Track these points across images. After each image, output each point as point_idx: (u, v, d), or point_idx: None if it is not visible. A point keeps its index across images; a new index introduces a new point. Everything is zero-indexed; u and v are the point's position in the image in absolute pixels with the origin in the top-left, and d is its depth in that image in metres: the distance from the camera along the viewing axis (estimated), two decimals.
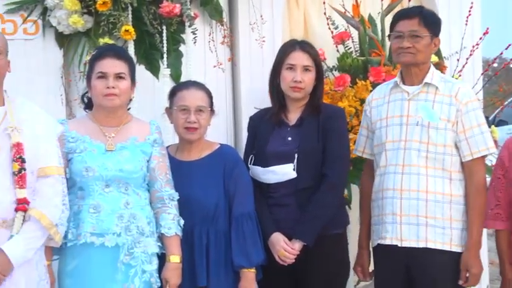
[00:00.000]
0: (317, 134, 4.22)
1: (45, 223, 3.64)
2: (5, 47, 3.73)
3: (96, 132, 4.01)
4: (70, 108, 5.02)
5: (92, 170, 3.90)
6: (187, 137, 4.20)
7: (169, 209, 4.02)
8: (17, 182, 3.61)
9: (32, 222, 3.63)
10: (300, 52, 4.29)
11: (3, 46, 3.71)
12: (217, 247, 4.11)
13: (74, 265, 3.89)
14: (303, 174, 4.18)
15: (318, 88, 4.33)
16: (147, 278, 3.92)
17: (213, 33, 5.17)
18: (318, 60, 4.34)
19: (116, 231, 3.87)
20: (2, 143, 3.65)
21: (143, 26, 4.97)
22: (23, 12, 4.96)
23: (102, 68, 3.97)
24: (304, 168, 4.18)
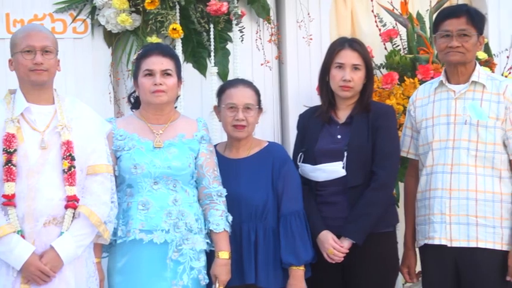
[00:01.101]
0: (367, 132, 4.19)
1: (94, 220, 3.67)
2: (55, 46, 3.76)
3: (144, 129, 4.04)
4: (118, 106, 5.06)
5: (140, 167, 3.92)
6: (236, 135, 4.20)
7: (218, 205, 4.02)
8: (67, 180, 3.64)
9: (82, 220, 3.66)
10: (349, 50, 4.26)
11: (53, 45, 3.75)
12: (266, 244, 4.11)
13: (123, 262, 3.92)
14: (352, 172, 4.16)
15: (367, 86, 4.30)
16: (195, 274, 3.93)
17: (260, 31, 5.17)
18: (367, 59, 4.30)
19: (165, 228, 3.89)
20: (52, 141, 3.68)
21: (191, 24, 5.00)
22: (72, 11, 5.01)
23: (149, 65, 4.00)
24: (353, 166, 4.16)
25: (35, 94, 3.73)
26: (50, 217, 3.61)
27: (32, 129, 3.69)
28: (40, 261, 3.56)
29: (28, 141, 3.65)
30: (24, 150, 3.63)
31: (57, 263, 3.59)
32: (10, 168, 3.58)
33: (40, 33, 3.76)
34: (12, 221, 3.57)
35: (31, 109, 3.71)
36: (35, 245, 3.58)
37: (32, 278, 3.56)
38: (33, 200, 3.59)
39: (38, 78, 3.68)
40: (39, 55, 3.66)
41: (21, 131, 3.66)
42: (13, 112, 3.69)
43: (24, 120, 3.70)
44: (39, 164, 3.63)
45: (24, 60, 3.67)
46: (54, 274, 3.58)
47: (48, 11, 4.97)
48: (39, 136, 3.68)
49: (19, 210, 3.59)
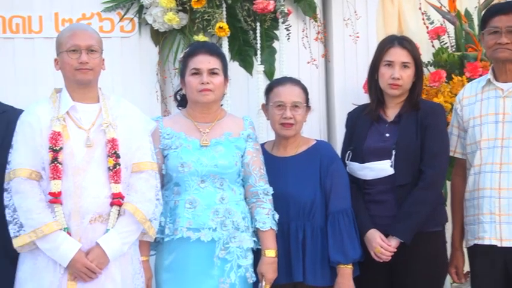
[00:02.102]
0: (415, 130, 4.16)
1: (139, 217, 3.69)
2: (99, 46, 3.79)
3: (190, 128, 4.05)
4: (165, 104, 5.08)
5: (187, 166, 3.93)
6: (283, 133, 4.20)
7: (264, 203, 4.02)
8: (112, 177, 3.67)
9: (127, 217, 3.69)
10: (398, 48, 4.22)
11: (98, 44, 3.78)
12: (314, 243, 4.10)
13: (170, 260, 3.94)
14: (400, 170, 4.12)
15: (416, 84, 4.25)
16: (242, 272, 3.94)
17: (307, 30, 5.16)
18: (416, 57, 4.26)
19: (212, 226, 3.90)
20: (98, 139, 3.71)
21: (237, 22, 5.01)
22: (119, 10, 5.05)
23: (196, 64, 4.01)
24: (401, 165, 4.12)
25: (80, 93, 3.76)
26: (95, 214, 3.64)
27: (77, 127, 3.73)
28: (86, 258, 3.59)
29: (74, 139, 3.69)
30: (70, 148, 3.66)
31: (103, 260, 3.62)
32: (56, 166, 3.61)
33: (85, 32, 3.79)
34: (58, 218, 3.60)
35: (76, 107, 3.75)
36: (81, 242, 3.61)
37: (79, 274, 3.59)
38: (79, 198, 3.62)
39: (83, 77, 3.72)
40: (84, 54, 3.69)
41: (67, 129, 3.69)
42: (59, 110, 3.73)
43: (70, 119, 3.73)
44: (85, 161, 3.67)
45: (70, 59, 3.71)
46: (100, 271, 3.61)
47: (96, 10, 5.02)
48: (85, 134, 3.72)
49: (65, 208, 3.62)
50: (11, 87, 4.90)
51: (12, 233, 3.58)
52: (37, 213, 3.56)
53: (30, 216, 3.56)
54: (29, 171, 3.61)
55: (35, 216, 3.56)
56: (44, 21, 4.97)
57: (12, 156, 3.65)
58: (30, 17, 4.96)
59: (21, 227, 3.57)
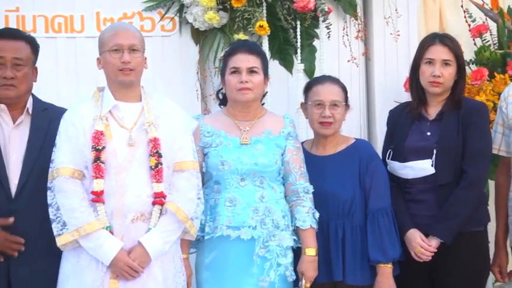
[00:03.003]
0: (457, 129, 4.11)
1: (180, 216, 3.69)
2: (141, 45, 3.80)
3: (231, 126, 4.06)
4: (205, 103, 5.10)
5: (227, 164, 3.94)
6: (322, 132, 4.19)
7: (304, 201, 4.01)
8: (154, 177, 3.68)
9: (169, 216, 3.69)
10: (439, 46, 4.18)
11: (140, 44, 3.79)
12: (353, 241, 4.09)
13: (211, 258, 3.95)
14: (442, 170, 4.09)
15: (459, 83, 4.20)
16: (282, 271, 3.93)
17: (347, 28, 5.14)
18: (458, 55, 4.20)
19: (252, 224, 3.90)
20: (140, 138, 3.72)
21: (277, 21, 5.00)
22: (160, 9, 5.08)
23: (235, 63, 4.02)
24: (443, 164, 4.08)
25: (122, 92, 3.78)
26: (137, 213, 3.65)
27: (120, 126, 3.74)
28: (128, 256, 3.61)
29: (116, 139, 3.70)
30: (112, 147, 3.68)
31: (145, 259, 3.63)
32: (99, 165, 3.63)
33: (127, 31, 3.80)
34: (101, 217, 3.62)
35: (119, 106, 3.77)
36: (123, 241, 3.63)
37: (121, 273, 3.61)
38: (122, 197, 3.64)
39: (125, 78, 3.73)
40: (126, 54, 3.71)
41: (109, 129, 3.71)
42: (101, 110, 3.75)
43: (113, 118, 3.75)
44: (127, 161, 3.68)
45: (112, 59, 3.72)
46: (143, 270, 3.63)
47: (137, 10, 5.05)
48: (127, 133, 3.73)
49: (108, 207, 3.64)
50: (53, 86, 4.95)
51: (56, 232, 3.61)
52: (80, 212, 3.59)
53: (73, 215, 3.58)
54: (71, 170, 3.64)
55: (78, 215, 3.59)
56: (85, 21, 5.02)
57: (55, 155, 3.67)
58: (72, 16, 5.01)
59: (64, 225, 3.59)
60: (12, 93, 3.76)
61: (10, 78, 3.72)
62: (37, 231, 3.71)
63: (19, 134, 3.77)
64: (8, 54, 3.75)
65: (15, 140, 3.76)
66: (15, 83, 3.74)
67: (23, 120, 3.80)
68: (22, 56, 3.78)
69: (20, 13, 4.96)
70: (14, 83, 3.74)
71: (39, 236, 3.71)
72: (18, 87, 3.76)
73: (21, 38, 3.85)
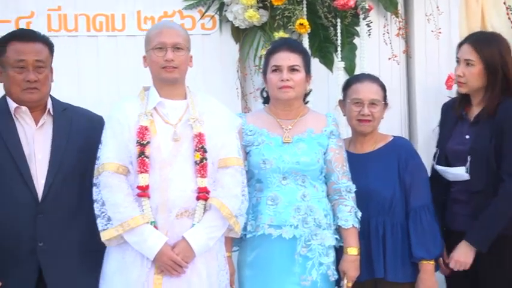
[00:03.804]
0: (491, 134, 4.04)
1: (225, 213, 3.70)
2: (186, 43, 3.82)
3: (273, 125, 4.05)
4: (245, 101, 5.10)
5: (269, 163, 3.94)
6: (360, 129, 4.18)
7: (346, 201, 4.00)
8: (199, 172, 3.69)
9: (213, 212, 3.70)
10: (464, 45, 4.20)
11: (184, 42, 3.81)
12: (394, 239, 4.08)
13: (253, 256, 3.96)
14: (475, 177, 4.07)
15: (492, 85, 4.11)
16: (324, 270, 3.92)
17: (388, 25, 5.12)
18: (486, 54, 4.11)
19: (293, 223, 3.89)
20: (185, 134, 3.74)
21: (317, 19, 5.00)
22: (200, 8, 5.09)
23: (276, 61, 4.01)
24: (476, 171, 4.07)
25: (167, 90, 3.80)
26: (182, 209, 3.66)
27: (164, 122, 3.76)
28: (172, 251, 3.62)
29: (161, 134, 3.72)
30: (157, 142, 3.70)
31: (189, 254, 3.64)
32: (143, 160, 3.65)
33: (172, 30, 3.82)
34: (146, 212, 3.64)
35: (164, 103, 3.79)
36: (168, 236, 3.64)
37: (165, 268, 3.62)
38: (166, 191, 3.65)
39: (169, 76, 3.75)
40: (170, 52, 3.73)
41: (154, 124, 3.73)
42: (147, 107, 3.77)
43: (158, 114, 3.77)
44: (172, 155, 3.70)
45: (156, 57, 3.75)
46: (187, 265, 3.64)
47: (177, 8, 5.07)
48: (172, 129, 3.75)
49: (153, 202, 3.65)
50: (94, 84, 4.99)
51: (100, 227, 3.64)
52: (124, 207, 3.61)
53: (118, 210, 3.61)
54: (116, 165, 3.67)
55: (122, 210, 3.61)
56: (126, 19, 5.05)
57: (101, 152, 3.70)
58: (113, 15, 5.04)
59: (109, 220, 3.62)
60: (36, 96, 3.75)
61: (33, 82, 3.71)
62: (64, 231, 3.72)
63: (43, 135, 3.78)
64: (29, 57, 3.72)
65: (40, 141, 3.76)
66: (38, 86, 3.72)
67: (45, 121, 3.80)
68: (42, 58, 3.75)
69: (62, 12, 5.00)
70: (37, 85, 3.72)
71: (66, 236, 3.72)
72: (41, 89, 3.75)
73: (40, 39, 3.81)
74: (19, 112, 3.76)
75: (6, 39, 3.79)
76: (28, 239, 3.65)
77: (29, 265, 3.66)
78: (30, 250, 3.66)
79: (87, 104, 4.15)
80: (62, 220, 3.70)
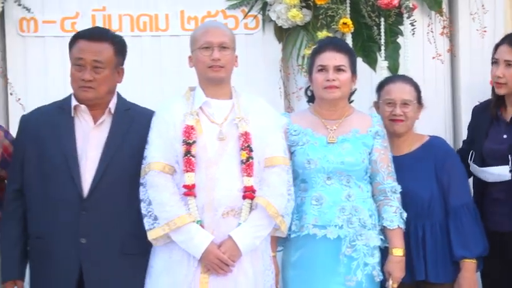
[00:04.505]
0: None
1: (271, 212, 3.69)
2: (231, 43, 3.82)
3: (317, 125, 4.03)
4: (288, 101, 5.10)
5: (313, 163, 3.92)
6: (393, 129, 4.15)
7: (392, 201, 3.97)
8: (245, 170, 3.69)
9: (259, 211, 3.70)
10: (505, 46, 4.21)
11: (230, 42, 3.82)
12: (434, 239, 4.06)
13: (297, 256, 3.95)
14: None
15: None
16: (369, 270, 3.90)
17: (432, 24, 5.09)
18: None
19: (338, 223, 3.88)
20: (230, 133, 3.75)
21: (361, 18, 4.98)
22: (243, 7, 5.10)
23: (322, 61, 4.00)
24: None
25: (213, 89, 3.81)
26: (228, 208, 3.67)
27: (210, 122, 3.77)
28: (219, 250, 3.63)
29: (207, 133, 3.73)
30: (203, 141, 3.71)
31: (235, 253, 3.65)
32: (189, 159, 3.67)
33: (218, 29, 3.84)
34: (192, 211, 3.65)
35: (210, 103, 3.80)
36: (214, 235, 3.65)
37: (211, 266, 3.63)
38: (213, 191, 3.66)
39: (215, 75, 3.76)
40: (216, 51, 3.74)
41: (200, 124, 3.75)
42: (192, 106, 3.79)
43: (203, 114, 3.78)
44: (218, 154, 3.71)
45: (203, 56, 3.76)
46: (233, 263, 3.64)
47: (220, 8, 5.09)
48: (218, 128, 3.76)
49: (199, 201, 3.67)
50: (138, 84, 5.01)
51: (147, 226, 3.66)
52: (170, 206, 3.63)
53: (164, 209, 3.63)
54: (162, 164, 3.69)
55: (169, 209, 3.63)
56: (170, 19, 5.08)
57: (147, 151, 3.73)
58: (157, 15, 5.07)
59: (156, 219, 3.64)
60: (91, 95, 3.77)
61: (88, 81, 3.73)
62: (108, 230, 3.73)
63: (98, 134, 3.80)
64: (88, 56, 3.74)
65: (94, 139, 3.78)
66: (93, 85, 3.74)
67: (105, 120, 3.82)
68: (102, 59, 3.76)
69: (106, 12, 5.04)
70: (93, 85, 3.74)
71: (110, 235, 3.73)
72: (97, 89, 3.76)
73: (105, 39, 3.82)
74: (79, 110, 3.81)
75: (76, 36, 3.85)
76: (71, 234, 3.69)
77: (70, 260, 3.69)
78: (72, 245, 3.69)
79: None
80: (105, 219, 3.71)
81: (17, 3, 4.87)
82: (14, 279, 3.78)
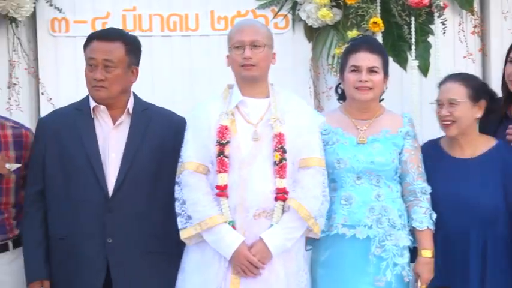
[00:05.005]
0: None
1: (302, 214, 3.67)
2: (265, 40, 3.78)
3: (348, 124, 4.00)
4: (318, 100, 5.10)
5: (343, 162, 3.90)
6: (446, 133, 4.06)
7: (421, 202, 3.94)
8: (277, 172, 3.68)
9: (291, 213, 3.68)
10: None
11: (263, 39, 3.77)
12: (496, 253, 3.91)
13: (326, 256, 3.93)
14: None
15: None
16: (398, 271, 3.88)
17: (463, 23, 5.07)
18: None
19: (367, 223, 3.86)
20: (265, 133, 3.73)
21: (391, 17, 4.97)
22: (273, 7, 5.11)
23: (355, 61, 3.96)
24: None
25: (248, 88, 3.79)
26: (260, 209, 3.67)
27: (245, 121, 3.77)
28: (249, 251, 3.63)
29: (241, 133, 3.73)
30: (237, 142, 3.71)
31: (266, 255, 3.64)
32: (223, 159, 3.67)
33: (250, 27, 3.82)
34: (224, 211, 3.66)
35: (246, 102, 3.79)
36: (245, 236, 3.66)
37: (241, 268, 3.63)
38: (244, 191, 3.66)
39: (247, 74, 3.75)
40: (247, 50, 3.72)
41: (235, 123, 3.74)
42: (229, 106, 3.78)
43: (239, 113, 3.78)
44: (251, 155, 3.70)
45: (235, 55, 3.76)
46: (263, 266, 3.64)
47: (250, 8, 5.11)
48: (252, 128, 3.75)
49: (231, 201, 3.67)
50: (168, 84, 5.04)
51: (180, 225, 3.68)
52: (203, 206, 3.65)
53: (197, 209, 3.65)
54: (196, 164, 3.71)
55: (201, 209, 3.65)
56: (200, 19, 5.10)
57: (182, 151, 3.75)
58: (187, 15, 5.10)
59: (189, 219, 3.67)
60: (103, 94, 3.78)
61: (100, 80, 3.74)
62: (133, 229, 3.75)
63: (118, 134, 3.81)
64: (99, 55, 3.75)
65: (115, 140, 3.80)
66: (105, 85, 3.75)
67: (123, 120, 3.83)
68: (113, 58, 3.76)
69: (136, 12, 5.07)
70: (104, 84, 3.75)
71: (134, 234, 3.75)
72: (109, 88, 3.76)
73: (116, 39, 3.82)
74: (98, 110, 3.82)
75: (89, 37, 3.87)
76: (98, 234, 3.72)
77: (97, 260, 3.72)
78: (99, 246, 3.72)
79: (160, 103, 4.17)
80: (129, 218, 3.74)
81: (49, 4, 4.91)
82: (41, 279, 3.80)
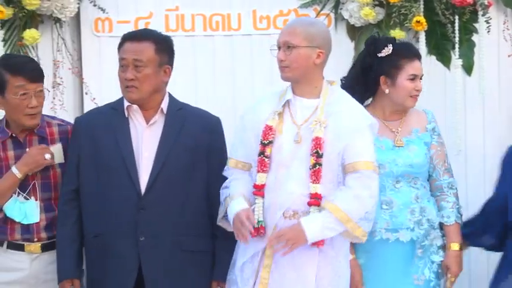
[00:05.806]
0: None
1: (338, 216, 3.53)
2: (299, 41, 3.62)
3: (380, 127, 3.88)
4: None
5: (382, 167, 3.83)
6: None
7: (448, 197, 3.97)
8: (311, 177, 3.59)
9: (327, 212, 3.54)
10: None
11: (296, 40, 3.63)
12: None
13: (364, 259, 3.92)
14: None
15: None
16: (435, 268, 3.93)
17: (508, 22, 5.00)
18: None
19: (410, 225, 3.87)
20: (306, 136, 3.64)
21: (435, 16, 4.91)
22: (316, 6, 5.07)
23: (413, 70, 3.98)
24: None
25: (297, 88, 3.71)
26: (290, 211, 3.61)
27: (292, 122, 3.69)
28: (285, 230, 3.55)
29: (286, 134, 3.66)
30: (279, 142, 3.65)
31: (300, 236, 3.51)
32: (263, 159, 3.64)
33: (287, 28, 3.74)
34: (257, 210, 3.62)
35: (294, 102, 3.71)
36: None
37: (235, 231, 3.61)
38: (276, 192, 3.62)
39: (282, 75, 3.70)
40: (281, 51, 3.65)
41: (281, 124, 3.68)
42: (279, 105, 3.72)
43: (289, 113, 3.70)
44: (290, 157, 3.63)
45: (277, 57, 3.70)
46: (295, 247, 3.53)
47: (293, 7, 5.07)
48: (296, 130, 3.67)
49: (266, 201, 3.64)
50: (210, 83, 5.05)
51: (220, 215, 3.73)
52: (233, 187, 3.70)
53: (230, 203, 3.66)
54: (234, 161, 3.75)
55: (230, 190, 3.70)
56: (242, 19, 5.08)
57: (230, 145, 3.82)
58: (229, 14, 5.08)
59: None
60: (135, 96, 3.80)
61: (130, 80, 3.76)
62: (166, 227, 3.76)
63: (152, 133, 3.84)
64: (129, 55, 3.78)
65: (148, 139, 3.83)
66: (136, 84, 3.77)
67: (157, 120, 3.85)
68: (142, 58, 3.77)
69: (179, 12, 5.08)
70: (135, 84, 3.77)
71: (168, 232, 3.77)
72: (140, 88, 3.78)
73: (146, 38, 3.83)
74: (131, 110, 3.85)
75: (122, 38, 3.90)
76: (131, 232, 3.75)
77: (130, 258, 3.75)
78: (132, 244, 3.75)
79: (202, 103, 4.22)
80: (162, 217, 3.76)
81: (93, 4, 4.94)
82: (72, 278, 3.84)
